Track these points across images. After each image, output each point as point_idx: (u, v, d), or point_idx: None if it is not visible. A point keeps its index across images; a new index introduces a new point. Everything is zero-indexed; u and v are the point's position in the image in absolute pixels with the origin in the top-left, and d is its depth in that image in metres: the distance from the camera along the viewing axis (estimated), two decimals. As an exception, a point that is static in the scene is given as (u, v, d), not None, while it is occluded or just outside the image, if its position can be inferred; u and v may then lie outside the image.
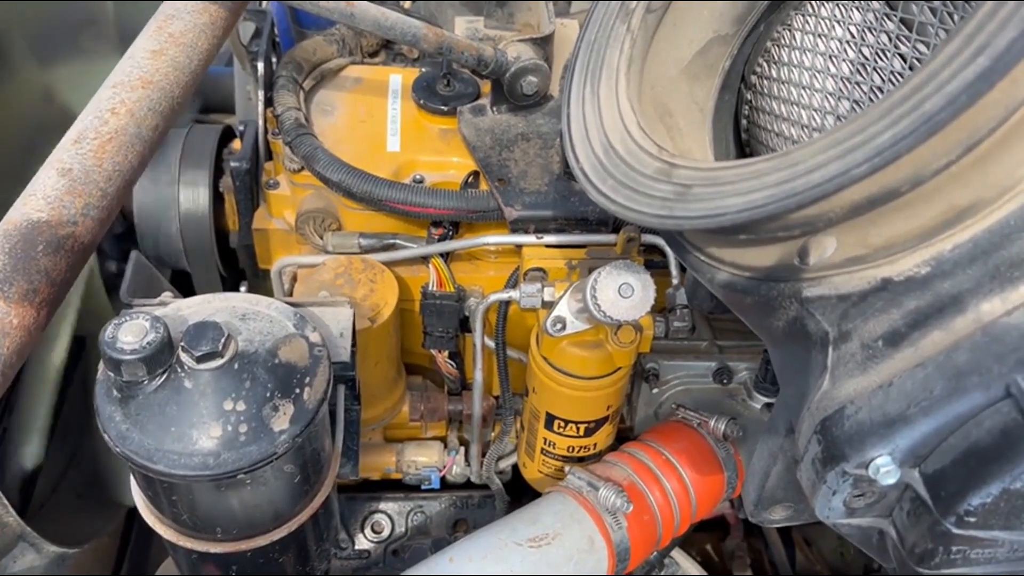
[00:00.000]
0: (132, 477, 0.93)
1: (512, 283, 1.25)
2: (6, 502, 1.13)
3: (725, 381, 1.30)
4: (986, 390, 0.59)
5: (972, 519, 0.60)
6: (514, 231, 1.22)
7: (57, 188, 0.87)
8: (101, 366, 0.84)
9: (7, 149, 1.32)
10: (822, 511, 0.68)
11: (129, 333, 0.80)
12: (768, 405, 1.26)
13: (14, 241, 0.83)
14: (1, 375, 0.78)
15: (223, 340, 0.82)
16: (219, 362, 0.82)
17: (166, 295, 1.00)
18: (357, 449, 1.07)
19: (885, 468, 0.62)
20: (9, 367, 0.79)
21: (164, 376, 0.82)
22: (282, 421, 0.84)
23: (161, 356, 0.80)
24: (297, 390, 0.86)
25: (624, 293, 0.97)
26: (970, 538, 0.62)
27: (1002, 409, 0.58)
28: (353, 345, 0.99)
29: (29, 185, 0.88)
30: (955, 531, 0.61)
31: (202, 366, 0.82)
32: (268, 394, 0.84)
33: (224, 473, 0.81)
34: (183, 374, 0.82)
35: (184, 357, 0.82)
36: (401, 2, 1.65)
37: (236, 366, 0.83)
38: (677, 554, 1.38)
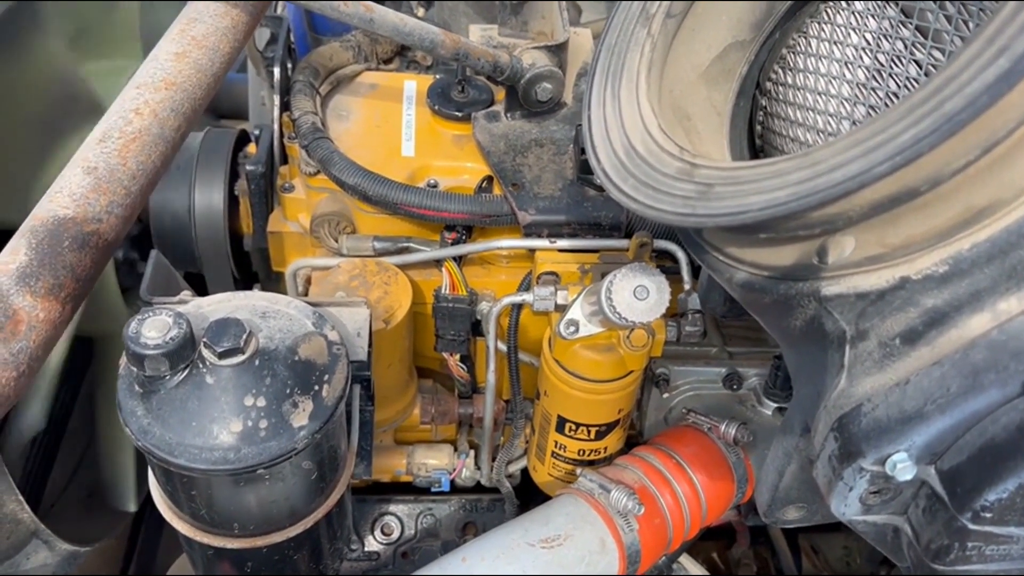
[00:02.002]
0: (151, 471, 0.93)
1: (525, 287, 1.26)
2: (22, 499, 1.14)
3: (735, 387, 1.31)
4: (1002, 387, 0.60)
5: (988, 515, 0.61)
6: (527, 235, 1.23)
7: (83, 186, 0.89)
8: (123, 360, 0.85)
9: (31, 122, 1.33)
10: (838, 508, 0.69)
11: (152, 328, 0.81)
12: (779, 410, 1.27)
13: (41, 237, 0.84)
14: (28, 367, 0.79)
15: (244, 337, 0.83)
16: (240, 358, 0.83)
17: (185, 294, 1.01)
18: (371, 449, 1.08)
19: (902, 464, 0.63)
20: (35, 360, 0.80)
21: (186, 371, 0.83)
22: (301, 417, 0.85)
23: (183, 351, 0.81)
24: (316, 387, 0.87)
25: (639, 295, 0.98)
26: (986, 534, 0.63)
27: (1018, 406, 0.59)
28: (369, 345, 1.00)
29: (55, 182, 0.89)
30: (971, 527, 0.62)
31: (223, 362, 0.83)
32: (288, 390, 0.85)
33: (244, 468, 0.82)
34: (204, 370, 0.83)
35: (206, 353, 0.83)
36: (415, 10, 1.67)
37: (257, 362, 0.84)
38: (684, 559, 1.39)
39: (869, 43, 0.83)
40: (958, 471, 0.62)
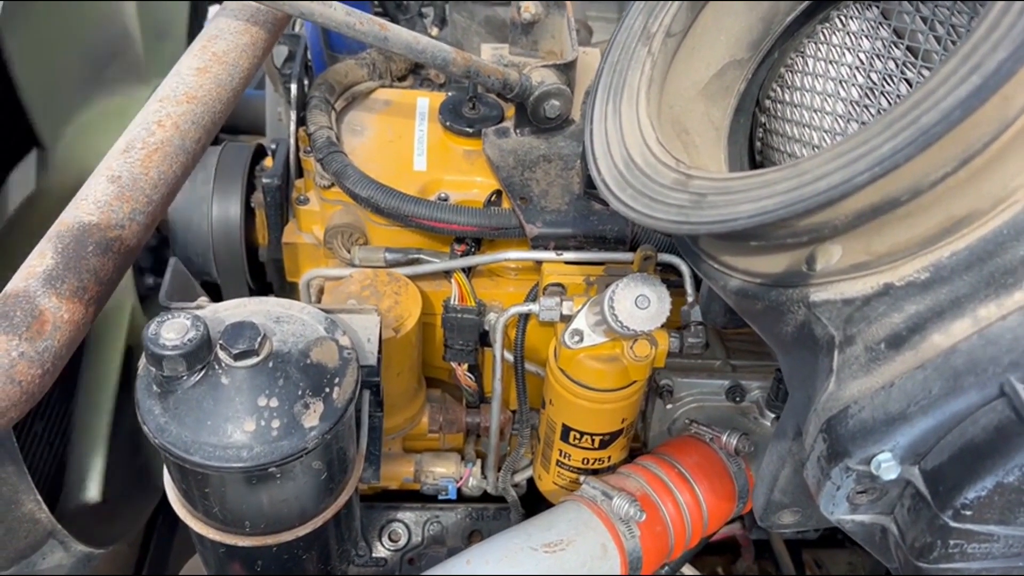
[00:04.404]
0: (166, 470, 0.97)
1: (531, 298, 1.29)
2: (40, 499, 1.17)
3: (738, 399, 1.33)
4: (981, 390, 0.62)
5: (968, 512, 0.64)
6: (534, 248, 1.26)
7: (107, 193, 0.93)
8: (142, 361, 0.89)
9: (82, 60, 1.40)
10: (827, 508, 0.72)
11: (171, 330, 0.84)
12: (780, 421, 1.29)
13: (66, 241, 0.88)
14: (52, 366, 0.82)
15: (259, 339, 0.86)
16: (255, 360, 0.86)
17: (202, 299, 1.04)
18: (379, 454, 1.10)
19: (886, 464, 0.66)
20: (59, 359, 0.84)
21: (202, 372, 0.86)
22: (312, 418, 0.88)
23: (200, 353, 0.85)
24: (327, 389, 0.90)
25: (641, 304, 1.01)
26: (967, 532, 0.65)
27: (996, 407, 0.62)
28: (379, 350, 1.03)
29: (81, 190, 0.93)
30: (952, 524, 0.65)
31: (239, 363, 0.86)
32: (300, 392, 0.88)
33: (256, 466, 0.85)
34: (220, 371, 0.86)
35: (222, 355, 0.86)
36: (429, 29, 1.72)
37: (271, 364, 0.88)
38: (687, 570, 1.40)
39: (863, 62, 0.86)
40: (940, 470, 0.65)
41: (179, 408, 0.86)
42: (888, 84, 0.83)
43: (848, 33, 0.89)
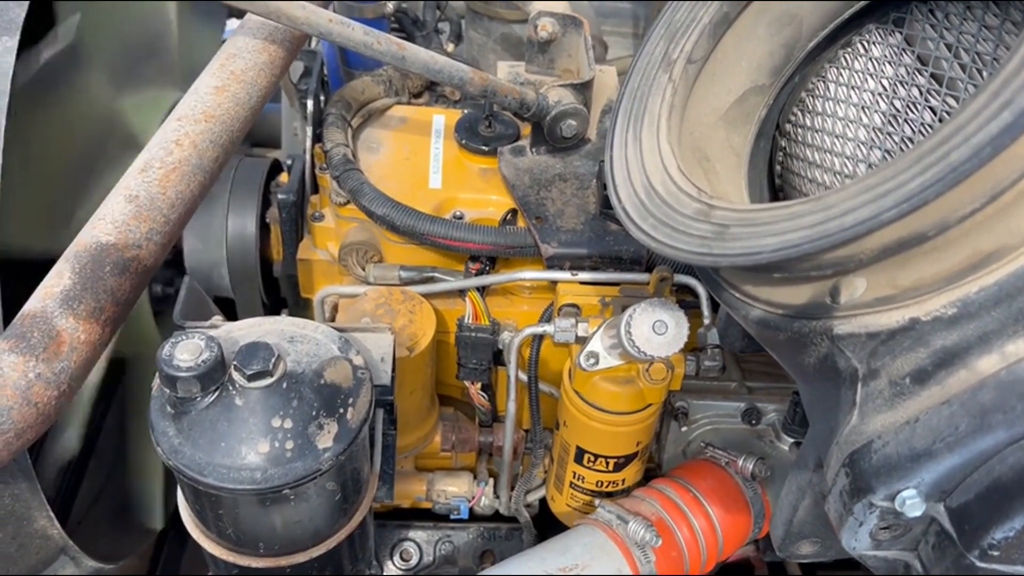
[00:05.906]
0: (180, 491, 0.96)
1: (546, 318, 1.28)
2: (52, 515, 1.17)
3: (753, 422, 1.32)
4: (1010, 428, 0.61)
5: (995, 553, 0.62)
6: (550, 267, 1.25)
7: (124, 213, 0.93)
8: (156, 382, 0.88)
9: (72, 158, 1.36)
10: (849, 543, 0.71)
11: (185, 351, 0.84)
12: (797, 446, 1.28)
13: (84, 262, 0.88)
14: (68, 387, 0.82)
15: (273, 360, 0.86)
16: (269, 381, 0.86)
17: (216, 318, 1.04)
18: (392, 473, 1.10)
19: (911, 501, 0.64)
20: (75, 380, 0.84)
21: (216, 393, 0.86)
22: (326, 439, 0.87)
23: (214, 374, 0.84)
24: (341, 410, 0.89)
25: (658, 330, 1.00)
26: (993, 572, 0.64)
27: (1025, 446, 0.61)
28: (393, 370, 1.03)
29: (99, 209, 0.93)
30: (979, 564, 0.64)
31: (252, 384, 0.85)
32: (314, 413, 0.88)
33: (270, 488, 0.85)
34: (234, 392, 0.86)
35: (236, 376, 0.86)
36: (445, 46, 1.72)
37: (284, 385, 0.87)
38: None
39: (885, 89, 0.85)
40: (966, 509, 0.64)
41: (193, 429, 0.86)
42: (911, 111, 0.82)
43: (871, 59, 0.88)
